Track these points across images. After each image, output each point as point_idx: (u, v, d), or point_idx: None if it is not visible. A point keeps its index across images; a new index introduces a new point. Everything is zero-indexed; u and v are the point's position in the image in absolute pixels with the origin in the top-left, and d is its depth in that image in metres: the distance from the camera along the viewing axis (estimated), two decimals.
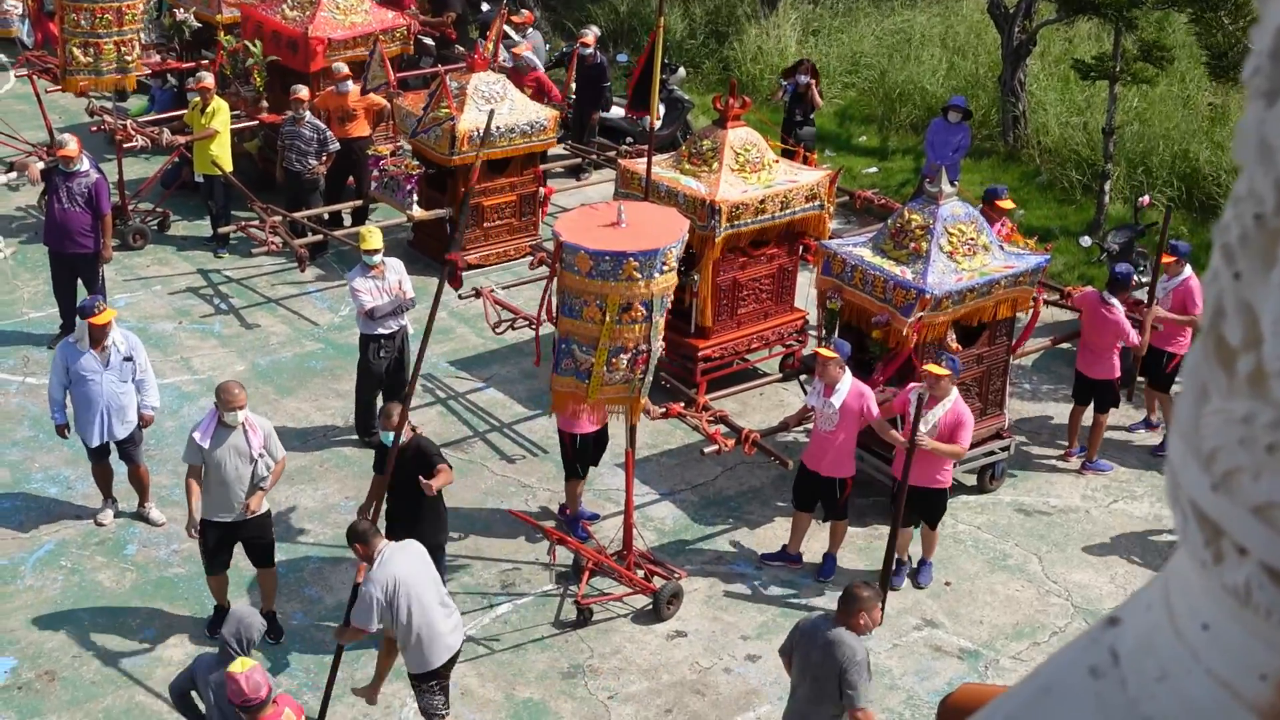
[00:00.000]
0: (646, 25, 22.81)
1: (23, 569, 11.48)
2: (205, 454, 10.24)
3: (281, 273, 16.44)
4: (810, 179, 13.84)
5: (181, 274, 16.35)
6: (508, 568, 11.73)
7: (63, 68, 17.50)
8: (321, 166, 16.49)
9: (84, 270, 14.37)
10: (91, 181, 14.14)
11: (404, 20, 18.59)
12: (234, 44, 18.12)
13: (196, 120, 16.65)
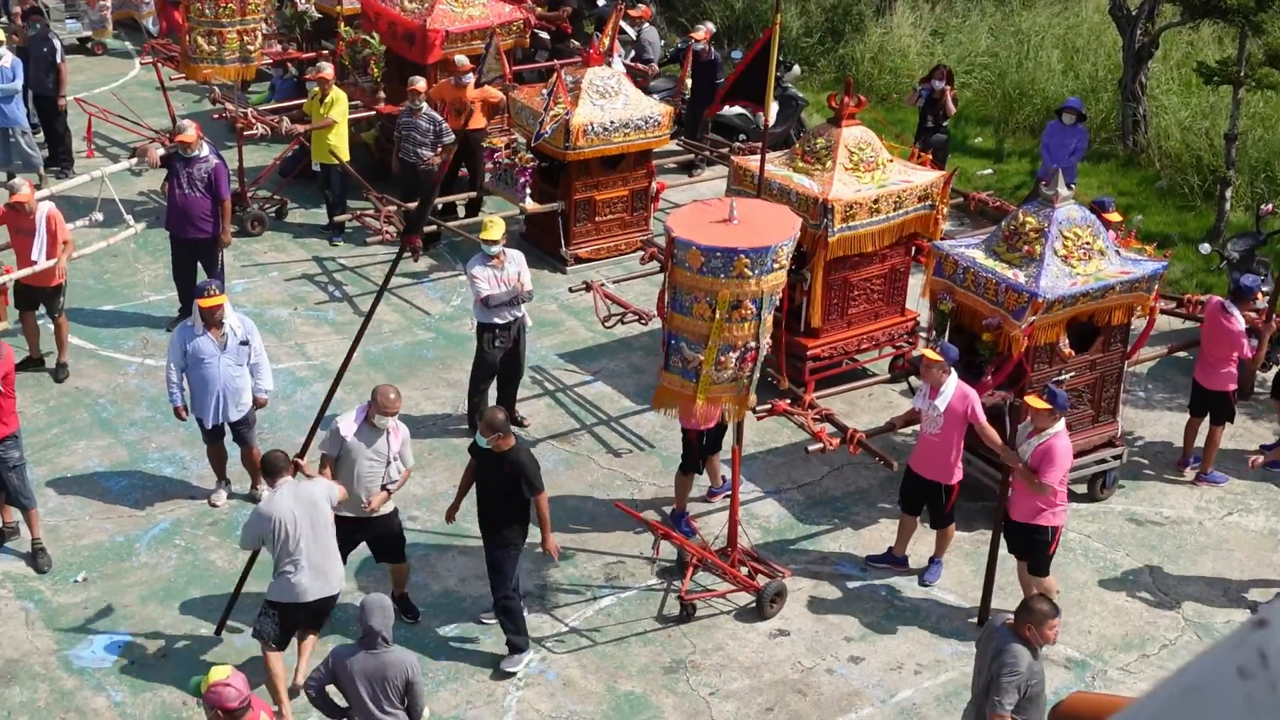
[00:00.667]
0: (763, 22, 22.77)
1: (138, 547, 11.71)
2: (344, 448, 10.33)
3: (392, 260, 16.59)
4: (924, 180, 13.74)
5: (297, 261, 16.59)
6: (612, 560, 11.78)
7: (186, 55, 17.80)
8: (436, 157, 16.65)
9: (204, 254, 14.61)
10: (211, 167, 14.37)
11: (521, 14, 18.70)
12: (353, 35, 18.33)
13: (315, 110, 16.88)
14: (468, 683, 10.42)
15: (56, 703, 10.09)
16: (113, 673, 10.38)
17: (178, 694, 10.19)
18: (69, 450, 12.90)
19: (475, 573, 11.42)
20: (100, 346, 14.57)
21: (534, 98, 16.40)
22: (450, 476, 12.67)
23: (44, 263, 13.39)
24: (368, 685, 8.49)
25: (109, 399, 13.71)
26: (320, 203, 17.52)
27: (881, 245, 13.65)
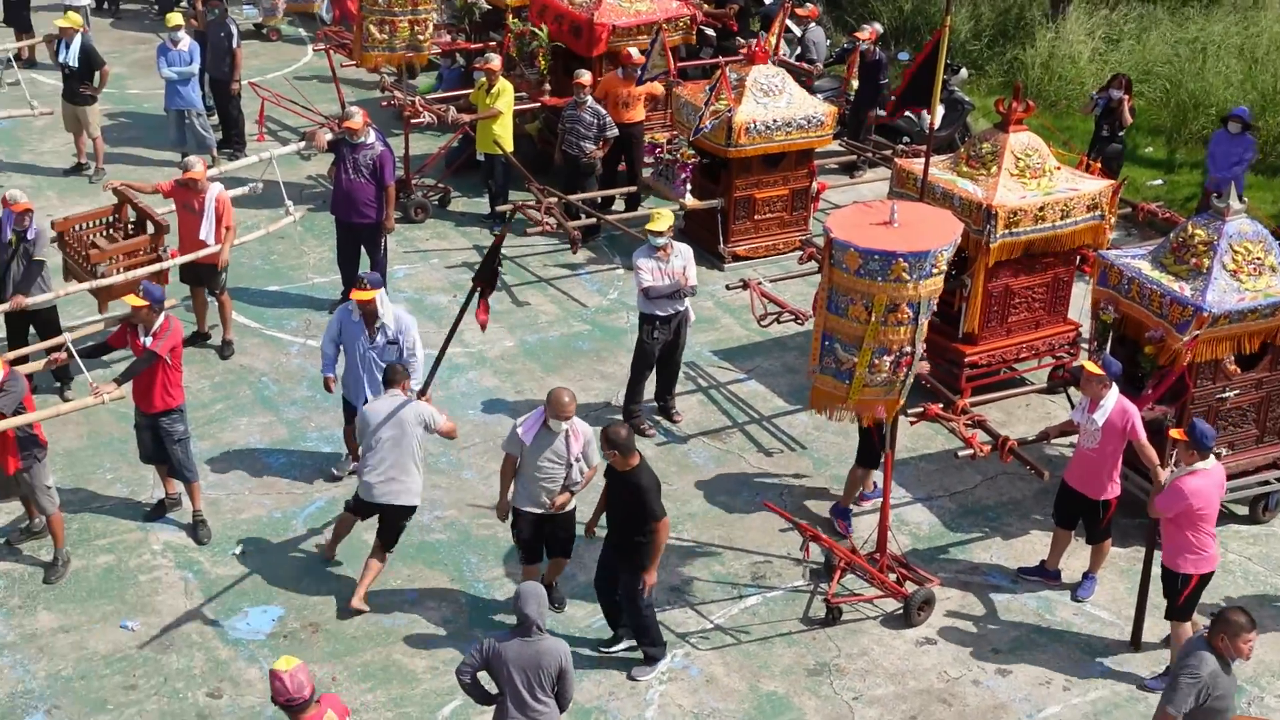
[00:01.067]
0: (931, 24, 22.53)
1: (294, 523, 11.96)
2: (524, 449, 10.42)
3: (554, 253, 16.75)
4: (1092, 188, 13.49)
5: (458, 249, 16.79)
6: (759, 560, 11.76)
7: (358, 43, 18.11)
8: (599, 151, 16.75)
9: (367, 239, 14.87)
10: (376, 154, 14.60)
11: (688, 10, 18.72)
12: (521, 27, 18.50)
13: (482, 100, 17.07)
14: (611, 674, 10.48)
15: (211, 672, 10.35)
16: (266, 645, 10.61)
17: (329, 667, 10.39)
18: (231, 426, 13.21)
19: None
20: (265, 326, 14.89)
21: (697, 94, 16.42)
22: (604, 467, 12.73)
23: (211, 247, 13.72)
24: (521, 673, 8.56)
25: (271, 377, 14.00)
26: (483, 192, 17.71)
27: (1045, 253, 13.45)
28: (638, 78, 17.00)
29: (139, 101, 20.66)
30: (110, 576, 11.24)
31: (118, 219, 14.10)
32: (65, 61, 17.56)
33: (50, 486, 11.17)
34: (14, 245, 12.80)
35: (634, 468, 10.04)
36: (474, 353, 14.55)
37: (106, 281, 13.28)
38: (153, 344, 11.23)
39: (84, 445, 12.80)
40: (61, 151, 18.67)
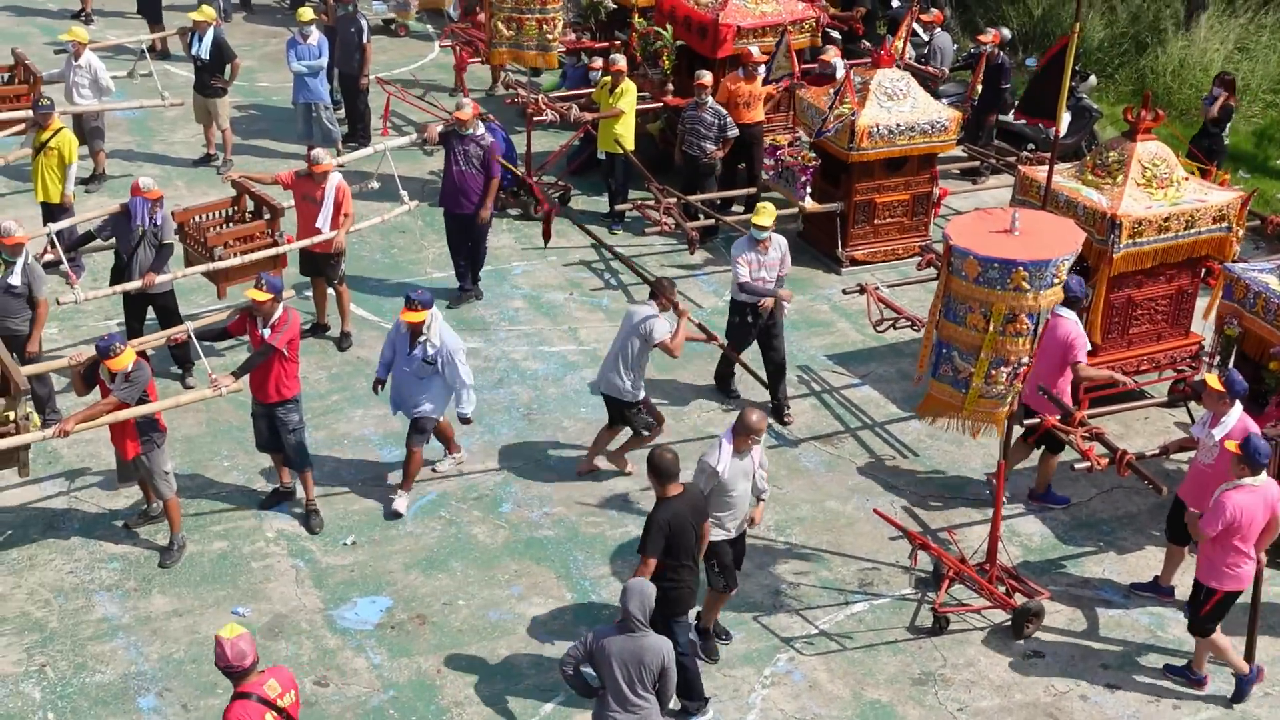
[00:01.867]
0: (1062, 29, 22.20)
1: (405, 516, 12.07)
2: (719, 481, 10.02)
3: (671, 253, 16.76)
4: (1220, 200, 13.21)
5: (577, 247, 16.85)
6: (867, 567, 11.67)
7: (488, 40, 18.24)
8: (720, 151, 16.73)
9: (474, 230, 15.15)
10: (486, 145, 14.85)
11: (814, 12, 18.63)
12: (646, 27, 18.53)
13: (604, 99, 17.12)
14: (714, 676, 10.45)
15: (319, 660, 10.49)
16: (373, 635, 10.73)
17: (434, 660, 10.48)
18: (347, 418, 13.37)
19: None
20: (383, 319, 15.04)
21: (821, 97, 16.33)
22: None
23: (326, 233, 13.91)
24: (623, 668, 8.58)
25: None
26: (603, 191, 17.77)
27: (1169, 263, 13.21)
28: (762, 78, 16.94)
29: (268, 94, 21.00)
30: (224, 563, 11.44)
31: (236, 210, 14.34)
32: (197, 54, 17.89)
33: (168, 472, 11.39)
34: (142, 231, 13.07)
35: (660, 501, 9.62)
36: (588, 350, 14.59)
37: (224, 264, 13.50)
38: (270, 336, 11.39)
39: (203, 432, 13.03)
40: (191, 142, 19.02)
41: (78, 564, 11.32)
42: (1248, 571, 10.17)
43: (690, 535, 9.64)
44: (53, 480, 12.31)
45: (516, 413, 13.53)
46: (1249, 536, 10.02)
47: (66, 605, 10.88)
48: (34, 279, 12.40)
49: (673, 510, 9.54)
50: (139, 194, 13.12)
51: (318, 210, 13.92)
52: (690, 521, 9.62)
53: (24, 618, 10.75)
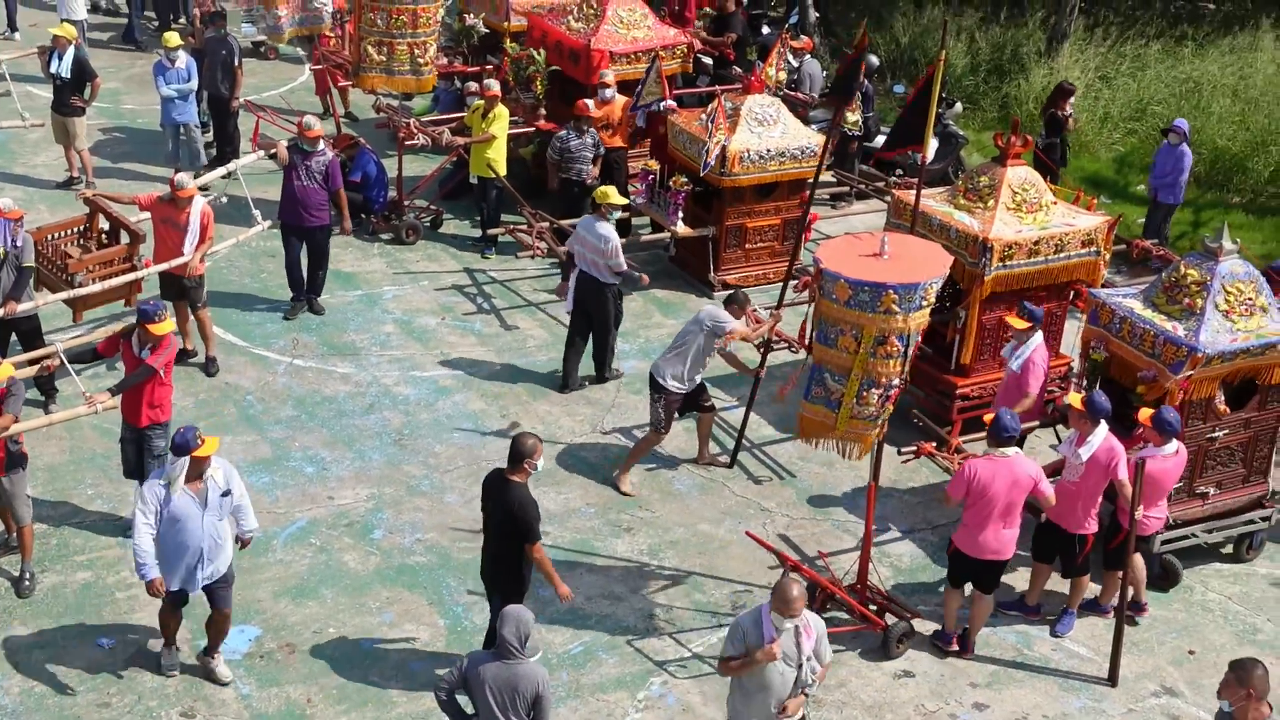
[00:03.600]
0: (928, 57, 22.56)
1: (274, 543, 11.88)
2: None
3: (544, 278, 16.73)
4: (1088, 224, 13.49)
5: (449, 271, 16.76)
6: (740, 589, 11.70)
7: (356, 64, 18.11)
8: (595, 170, 16.80)
9: (316, 243, 15.31)
10: (327, 160, 15.03)
11: (685, 38, 18.75)
12: (518, 51, 18.52)
13: (477, 123, 17.07)
14: (588, 700, 10.42)
15: (185, 691, 10.28)
16: (241, 665, 10.54)
17: (304, 689, 10.32)
18: None
19: (601, 591, 11.44)
20: (252, 344, 14.84)
21: (692, 122, 16.42)
22: (584, 494, 12.72)
23: (183, 256, 13.67)
24: (497, 694, 8.49)
25: (256, 396, 13.96)
26: (475, 215, 17.71)
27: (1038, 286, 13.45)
28: (633, 104, 17.00)
29: (133, 116, 20.67)
30: (88, 593, 11.17)
31: (89, 229, 14.06)
32: (57, 72, 17.53)
33: (29, 496, 11.12)
34: (3, 254, 12.75)
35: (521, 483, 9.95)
36: (460, 375, 14.50)
37: (84, 291, 13.25)
38: (151, 358, 11.19)
39: (66, 460, 12.74)
40: (54, 165, 18.65)
41: None
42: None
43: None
44: None
45: (388, 438, 13.41)
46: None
47: None
48: None
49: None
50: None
51: (180, 235, 13.68)
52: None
53: None
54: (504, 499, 9.86)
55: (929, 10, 24.43)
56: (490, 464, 12.90)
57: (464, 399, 14.11)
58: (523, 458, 9.85)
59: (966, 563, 10.87)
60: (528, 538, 9.84)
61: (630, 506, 12.64)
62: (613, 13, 18.00)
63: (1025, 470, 10.58)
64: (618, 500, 12.70)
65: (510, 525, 9.86)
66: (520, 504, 9.82)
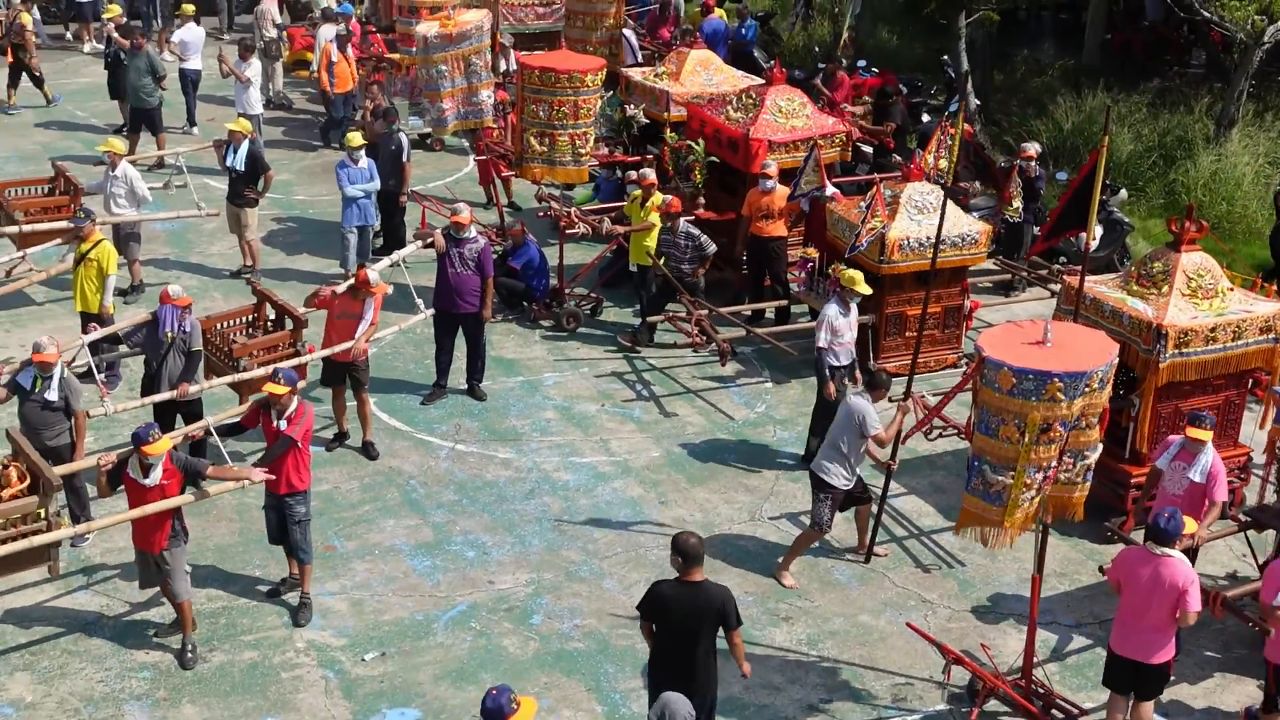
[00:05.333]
0: (1091, 143, 22.32)
1: (435, 627, 12.00)
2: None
3: (703, 365, 16.78)
4: (1267, 310, 13.21)
5: (609, 358, 16.90)
6: (900, 682, 11.52)
7: (518, 155, 18.44)
8: (701, 270, 16.91)
9: (470, 328, 15.53)
10: (480, 247, 15.30)
11: (844, 127, 18.79)
12: (678, 141, 18.71)
13: (635, 212, 17.26)
14: None
15: None
16: None
17: None
18: (378, 527, 13.35)
19: (760, 681, 11.34)
20: (415, 429, 15.08)
21: (851, 210, 16.42)
22: (742, 582, 12.64)
23: (343, 344, 14.00)
24: None
25: (420, 480, 14.15)
26: (634, 303, 17.85)
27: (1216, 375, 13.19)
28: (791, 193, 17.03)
29: (304, 207, 21.24)
30: (254, 673, 11.37)
31: (257, 318, 14.46)
32: (232, 165, 18.15)
33: (188, 572, 11.49)
34: (171, 339, 13.20)
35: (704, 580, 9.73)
36: (619, 461, 14.57)
37: (247, 375, 13.58)
38: (288, 429, 11.60)
39: (236, 541, 13.03)
40: (228, 254, 19.21)
41: (108, 672, 11.27)
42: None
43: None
44: (83, 585, 12.30)
45: (547, 523, 13.50)
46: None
47: (96, 714, 10.81)
48: (70, 393, 12.47)
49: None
50: (168, 301, 13.29)
51: (354, 324, 14.03)
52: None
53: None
54: (697, 601, 9.60)
55: (1091, 96, 24.19)
56: (649, 550, 13.00)
57: (623, 485, 14.17)
58: (693, 563, 9.59)
59: (1116, 661, 10.49)
60: (730, 624, 9.66)
61: (789, 595, 12.55)
62: (771, 102, 18.12)
63: (1176, 574, 10.08)
64: (776, 589, 12.62)
65: (716, 620, 9.62)
66: (723, 598, 9.62)
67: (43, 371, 12.36)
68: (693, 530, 10.21)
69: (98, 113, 25.13)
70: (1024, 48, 28.87)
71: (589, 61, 18.80)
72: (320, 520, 12.93)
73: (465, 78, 20.49)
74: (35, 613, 11.92)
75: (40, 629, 11.74)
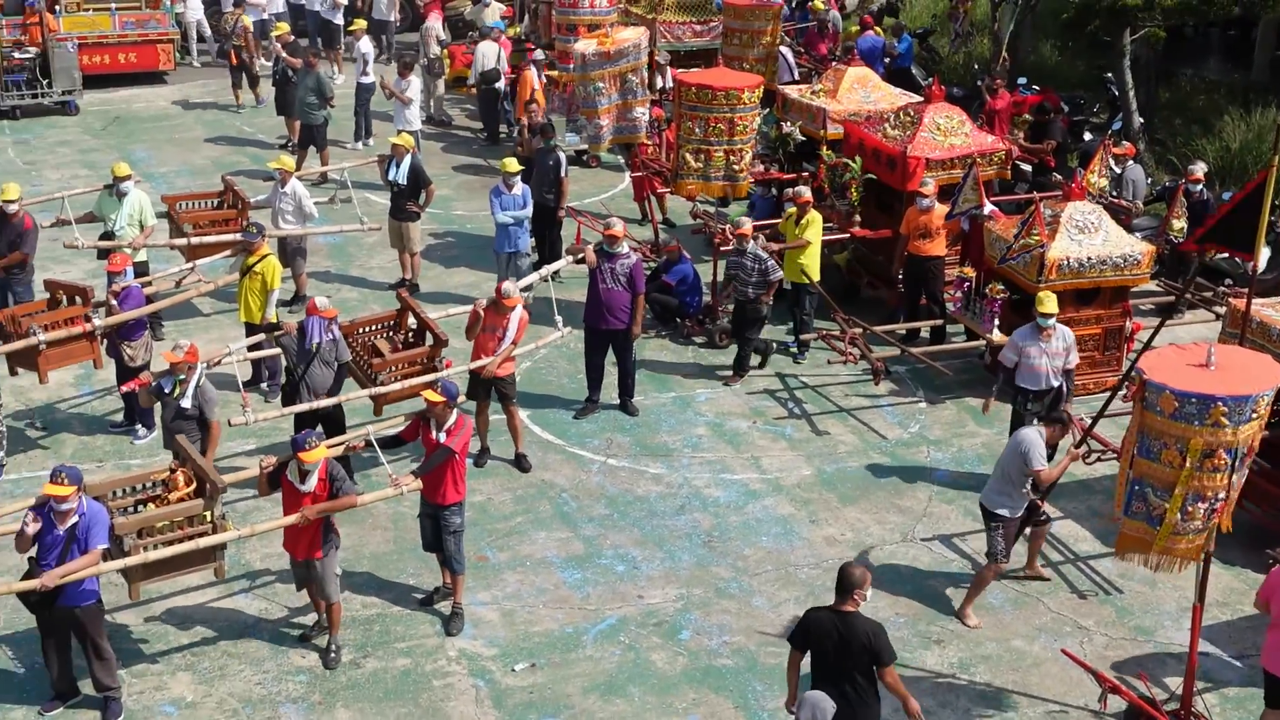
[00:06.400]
0: (1259, 162, 21.78)
1: (584, 639, 12.07)
2: None
3: (856, 384, 16.67)
4: None
5: (761, 375, 16.86)
6: (1055, 710, 11.32)
7: (674, 171, 18.52)
8: (766, 297, 16.56)
9: (619, 345, 15.59)
10: (631, 263, 15.31)
11: (1004, 145, 18.57)
12: (834, 159, 18.64)
13: (790, 229, 17.22)
14: None
15: None
16: None
17: None
18: (530, 539, 13.47)
19: None
20: (567, 443, 15.19)
21: (1009, 229, 16.22)
22: (893, 604, 12.53)
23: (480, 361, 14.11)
24: None
25: (571, 494, 14.25)
26: (788, 320, 17.80)
27: None
28: (950, 211, 16.88)
29: (463, 221, 21.53)
30: (407, 680, 11.53)
31: (398, 325, 14.65)
32: (394, 179, 18.47)
33: (339, 575, 11.72)
34: (316, 349, 13.46)
35: (857, 615, 9.57)
36: (770, 479, 14.54)
37: (384, 390, 13.73)
38: (447, 440, 11.76)
39: (390, 550, 13.23)
40: (388, 267, 19.55)
41: (266, 675, 11.52)
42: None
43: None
44: (244, 589, 12.60)
45: (697, 539, 13.51)
46: None
47: (254, 716, 11.06)
48: (205, 402, 12.76)
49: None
50: (315, 313, 13.56)
51: (496, 339, 14.15)
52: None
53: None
54: (848, 633, 9.50)
55: (1260, 114, 23.59)
56: (799, 569, 12.96)
57: (774, 503, 14.13)
58: (852, 588, 9.52)
59: (1273, 682, 10.25)
60: (882, 660, 9.50)
61: (941, 618, 12.41)
62: (930, 120, 17.97)
63: None
64: (927, 611, 12.49)
65: (865, 656, 9.48)
66: (871, 632, 9.48)
67: (172, 374, 12.70)
68: (854, 562, 10.05)
69: (265, 129, 25.74)
70: (1190, 65, 28.24)
71: (746, 78, 18.84)
72: (473, 531, 13.08)
73: (621, 94, 20.72)
74: (197, 614, 12.24)
75: (202, 630, 12.04)
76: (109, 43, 27.98)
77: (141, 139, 25.29)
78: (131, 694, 11.24)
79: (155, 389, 12.92)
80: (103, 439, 14.99)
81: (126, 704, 11.09)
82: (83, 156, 24.12)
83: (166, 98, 28.05)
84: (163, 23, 28.52)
